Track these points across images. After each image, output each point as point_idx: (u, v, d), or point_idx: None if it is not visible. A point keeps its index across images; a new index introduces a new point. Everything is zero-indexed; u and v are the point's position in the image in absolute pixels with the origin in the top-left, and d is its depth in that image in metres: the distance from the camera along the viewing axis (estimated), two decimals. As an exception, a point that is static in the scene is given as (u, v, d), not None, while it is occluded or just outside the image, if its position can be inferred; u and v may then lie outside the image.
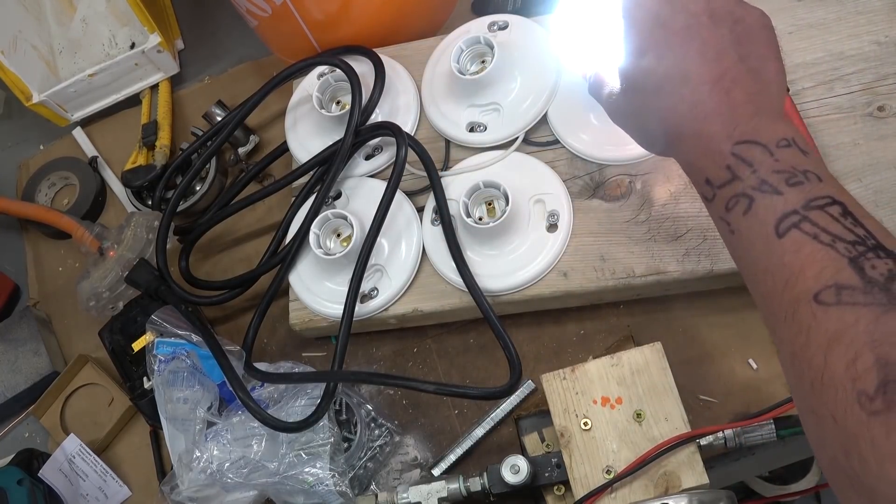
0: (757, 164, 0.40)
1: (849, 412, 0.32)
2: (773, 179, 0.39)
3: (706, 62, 0.43)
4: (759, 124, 0.42)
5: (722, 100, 0.42)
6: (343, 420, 0.71)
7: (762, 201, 0.39)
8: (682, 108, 0.44)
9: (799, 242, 0.37)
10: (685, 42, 0.44)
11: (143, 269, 0.75)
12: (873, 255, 0.35)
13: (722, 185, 0.42)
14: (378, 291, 0.68)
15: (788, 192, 0.38)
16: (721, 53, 0.43)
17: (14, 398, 0.81)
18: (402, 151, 0.68)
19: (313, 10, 0.76)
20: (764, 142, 0.41)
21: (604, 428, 0.57)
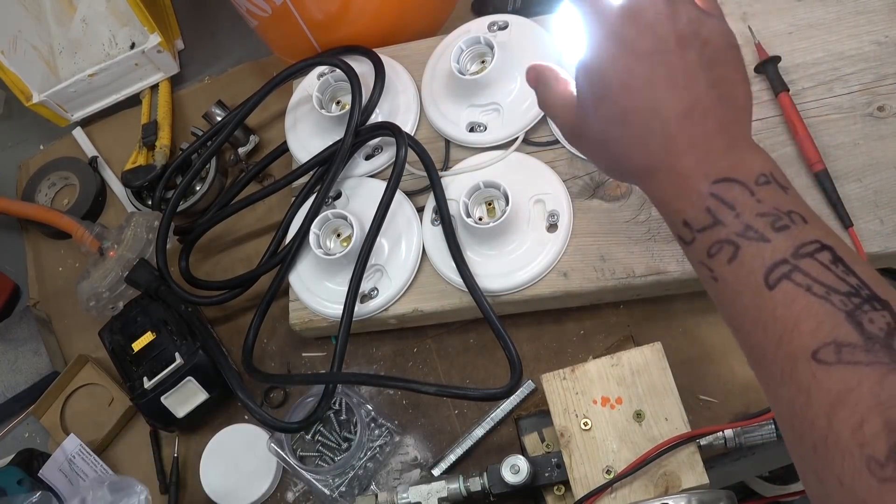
0: (739, 206, 0.38)
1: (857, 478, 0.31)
2: (758, 224, 0.37)
3: (676, 90, 0.40)
4: (735, 159, 0.39)
5: (695, 133, 0.40)
6: (343, 420, 0.71)
7: (748, 249, 0.37)
8: (652, 142, 0.41)
9: (791, 295, 0.35)
10: (652, 68, 0.40)
11: (143, 269, 0.75)
12: (870, 307, 0.34)
13: (703, 229, 0.39)
14: (378, 291, 0.68)
15: (776, 239, 0.36)
16: (691, 81, 0.40)
17: (14, 398, 0.81)
18: (402, 151, 0.68)
19: (313, 10, 0.76)
20: (743, 179, 0.38)
21: (604, 428, 0.57)
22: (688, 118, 0.40)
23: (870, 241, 0.59)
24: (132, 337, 0.75)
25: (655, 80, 0.40)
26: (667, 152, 0.40)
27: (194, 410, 0.72)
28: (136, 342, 0.75)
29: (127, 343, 0.75)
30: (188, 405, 0.72)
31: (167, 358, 0.73)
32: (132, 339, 0.75)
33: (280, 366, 0.77)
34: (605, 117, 0.43)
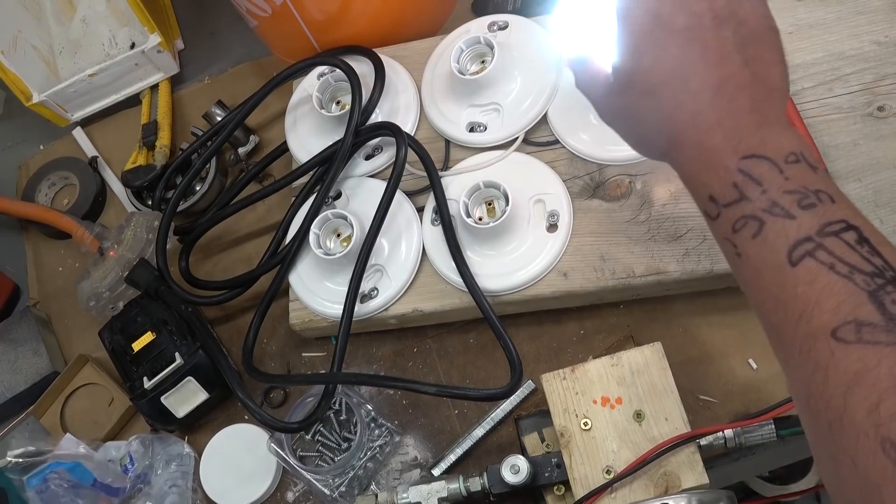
0: (766, 182, 0.37)
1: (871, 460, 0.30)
2: (784, 201, 0.37)
3: (708, 66, 0.40)
4: (765, 136, 0.39)
5: (725, 108, 0.40)
6: (343, 420, 0.71)
7: (773, 225, 0.37)
8: (681, 115, 0.41)
9: (814, 272, 0.35)
10: (686, 44, 0.41)
11: (143, 269, 0.75)
12: (893, 288, 0.33)
13: (728, 204, 0.39)
14: (378, 291, 0.68)
15: (801, 216, 0.36)
16: (724, 57, 0.40)
17: (14, 398, 0.81)
18: (402, 151, 0.68)
19: (313, 10, 0.76)
20: (772, 156, 0.38)
21: (604, 428, 0.57)
22: (719, 94, 0.40)
23: (870, 241, 0.59)
24: (132, 337, 0.75)
25: (688, 56, 0.41)
26: (695, 126, 0.40)
27: (194, 410, 0.73)
28: (136, 342, 0.75)
29: (127, 343, 0.75)
30: (188, 405, 0.72)
31: (167, 358, 0.73)
32: (132, 339, 0.75)
33: (280, 366, 0.77)
34: (636, 90, 0.43)
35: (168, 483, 0.70)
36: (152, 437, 0.73)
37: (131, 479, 0.70)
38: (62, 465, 0.69)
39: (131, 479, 0.70)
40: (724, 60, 0.40)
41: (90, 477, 0.69)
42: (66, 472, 0.69)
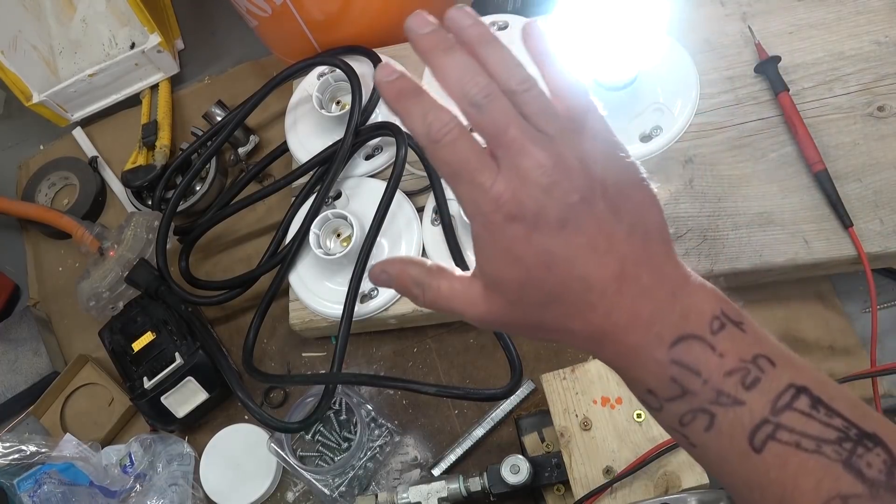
0: (703, 369, 0.34)
1: None
2: (727, 387, 0.34)
3: (600, 257, 0.35)
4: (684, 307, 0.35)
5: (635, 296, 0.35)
6: (343, 420, 0.71)
7: (725, 416, 0.34)
8: (595, 318, 0.36)
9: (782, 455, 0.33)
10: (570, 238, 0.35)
11: (143, 269, 0.75)
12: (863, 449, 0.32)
13: (671, 399, 0.35)
14: (378, 291, 0.68)
15: (750, 399, 0.33)
16: (610, 238, 0.35)
17: (14, 398, 0.81)
18: (402, 151, 0.68)
19: (313, 10, 0.76)
20: (699, 333, 0.35)
21: (604, 428, 0.57)
22: (623, 284, 0.35)
23: (870, 241, 0.59)
24: (132, 337, 0.75)
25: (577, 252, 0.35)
26: (613, 325, 0.36)
27: (194, 410, 0.73)
28: (136, 342, 0.75)
29: (127, 343, 0.75)
30: (188, 405, 0.72)
31: (167, 358, 0.73)
32: (132, 339, 0.75)
33: (280, 366, 0.77)
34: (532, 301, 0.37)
35: (168, 482, 0.70)
36: (153, 437, 0.73)
37: (131, 478, 0.71)
38: (54, 467, 0.69)
39: (131, 479, 0.71)
40: (611, 241, 0.35)
41: (85, 478, 0.69)
42: (58, 473, 0.69)
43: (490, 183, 0.35)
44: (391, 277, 0.41)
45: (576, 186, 0.35)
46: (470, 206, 0.36)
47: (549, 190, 0.34)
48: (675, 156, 0.65)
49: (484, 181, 0.35)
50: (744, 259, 0.61)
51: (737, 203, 0.63)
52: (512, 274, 0.36)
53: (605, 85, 0.65)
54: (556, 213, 0.34)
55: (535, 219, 0.35)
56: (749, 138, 0.65)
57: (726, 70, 0.68)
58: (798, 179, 0.62)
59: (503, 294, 0.37)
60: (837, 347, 0.65)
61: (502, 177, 0.35)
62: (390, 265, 0.41)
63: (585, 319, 0.36)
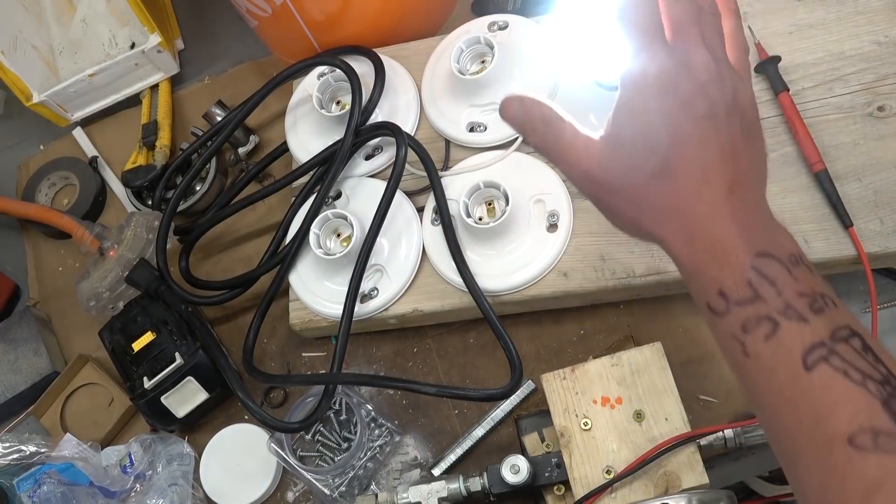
0: (780, 283, 0.37)
1: None
2: (798, 304, 0.36)
3: (725, 160, 0.39)
4: (772, 235, 0.39)
5: (738, 205, 0.39)
6: (343, 420, 0.71)
7: (788, 328, 0.36)
8: (699, 206, 0.39)
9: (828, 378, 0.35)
10: (706, 133, 0.39)
11: (143, 269, 0.75)
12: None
13: (741, 302, 0.37)
14: (378, 291, 0.68)
15: (814, 321, 0.36)
16: (736, 152, 0.40)
17: (14, 398, 0.81)
18: (402, 151, 0.68)
19: (313, 10, 0.76)
20: (781, 256, 0.38)
21: (604, 428, 0.57)
22: (734, 190, 0.39)
23: (870, 241, 0.59)
24: (132, 337, 0.75)
25: (708, 146, 0.39)
26: (712, 218, 0.39)
27: (194, 410, 0.73)
28: (136, 342, 0.75)
29: (127, 343, 0.75)
30: (188, 405, 0.72)
31: (167, 358, 0.73)
32: (132, 339, 0.75)
33: (280, 366, 0.77)
34: (648, 168, 0.40)
35: (168, 482, 0.70)
36: (153, 437, 0.73)
37: (131, 478, 0.71)
38: (54, 467, 0.69)
39: (131, 479, 0.71)
40: (737, 155, 0.40)
41: (85, 478, 0.69)
42: (58, 474, 0.69)
43: (662, 54, 0.40)
44: (524, 108, 0.44)
45: (725, 100, 0.40)
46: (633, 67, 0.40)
47: (706, 88, 0.39)
48: (675, 156, 0.65)
49: (657, 50, 0.40)
50: (744, 259, 0.61)
51: (737, 203, 0.63)
52: (644, 137, 0.40)
53: (605, 85, 0.65)
54: (704, 108, 0.39)
55: (686, 102, 0.39)
56: (749, 138, 0.65)
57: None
58: (798, 179, 0.62)
59: (625, 153, 0.41)
60: (837, 347, 0.65)
61: (672, 56, 0.40)
62: (526, 97, 0.44)
63: (688, 204, 0.40)
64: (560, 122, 0.44)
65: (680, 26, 0.40)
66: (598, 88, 0.65)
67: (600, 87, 0.65)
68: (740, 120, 0.40)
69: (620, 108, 0.41)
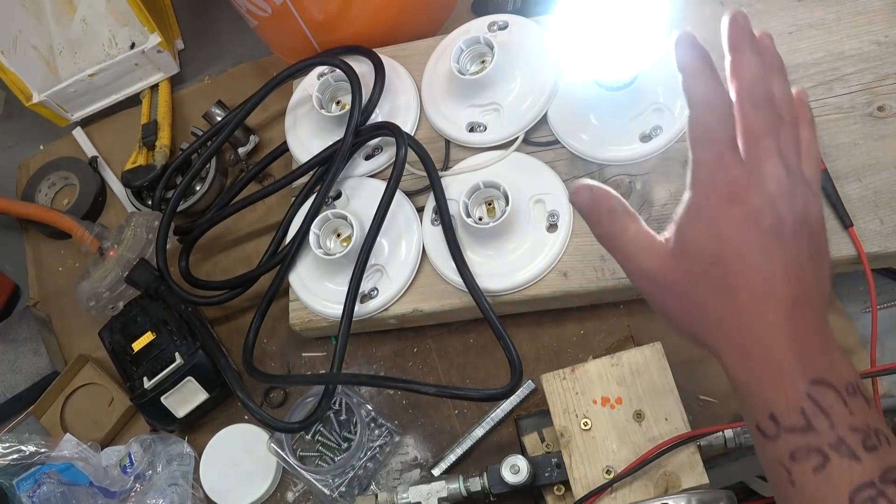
0: (834, 414, 0.36)
1: None
2: (850, 440, 0.35)
3: (789, 278, 0.38)
4: (830, 361, 0.38)
5: (799, 325, 0.38)
6: (343, 420, 0.71)
7: (838, 464, 0.35)
8: (759, 324, 0.38)
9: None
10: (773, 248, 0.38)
11: (143, 269, 0.75)
12: None
13: (792, 430, 0.37)
14: (378, 291, 0.68)
15: (865, 459, 0.35)
16: (802, 271, 0.39)
17: (14, 398, 0.81)
18: (402, 151, 0.68)
19: (313, 10, 0.76)
20: (837, 385, 0.37)
21: (604, 428, 0.57)
22: (796, 310, 0.38)
23: (870, 241, 0.59)
24: (132, 337, 0.75)
25: (773, 262, 0.38)
26: (769, 339, 0.38)
27: (194, 410, 0.73)
28: (136, 342, 0.75)
29: (127, 343, 0.75)
30: (188, 405, 0.72)
31: (167, 358, 0.73)
32: (132, 339, 0.75)
33: (280, 366, 0.77)
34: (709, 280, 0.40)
35: (168, 482, 0.70)
36: (152, 437, 0.73)
37: (131, 478, 0.71)
38: (54, 467, 0.69)
39: (130, 479, 0.71)
40: (802, 274, 0.39)
41: (85, 478, 0.69)
42: (58, 474, 0.69)
43: (733, 164, 0.39)
44: (592, 197, 0.43)
45: (795, 215, 0.39)
46: (703, 173, 0.40)
47: (775, 201, 0.38)
48: (675, 156, 0.65)
49: (728, 159, 0.39)
50: (744, 259, 0.61)
51: (737, 203, 0.63)
52: (709, 247, 0.39)
53: (605, 85, 0.65)
54: (772, 221, 0.38)
55: (754, 214, 0.38)
56: (749, 138, 0.65)
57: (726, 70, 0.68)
58: (798, 179, 0.62)
59: (688, 261, 0.40)
60: (837, 347, 0.65)
61: (743, 166, 0.39)
62: (596, 187, 0.44)
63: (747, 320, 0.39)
64: (626, 215, 0.43)
65: (756, 135, 0.39)
66: (598, 88, 0.65)
67: (600, 87, 0.65)
68: (808, 238, 0.39)
69: (687, 213, 0.40)
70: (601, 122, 0.67)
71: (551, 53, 0.70)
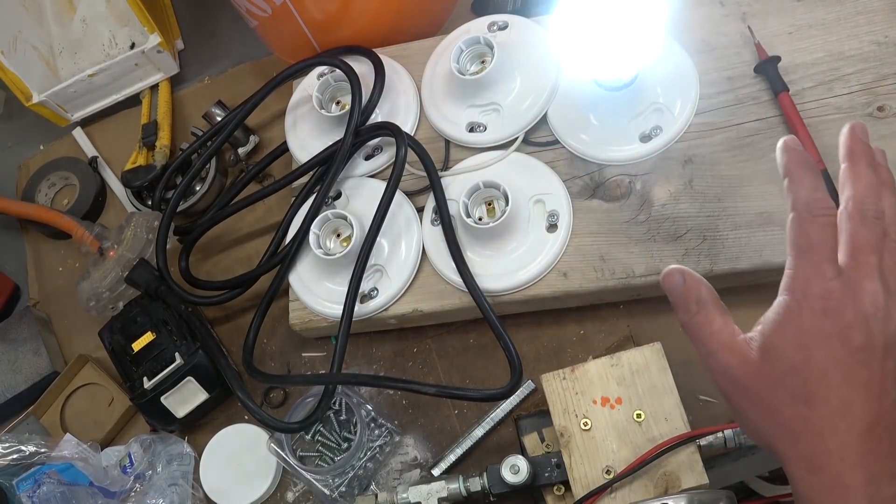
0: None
1: None
2: None
3: (870, 398, 0.38)
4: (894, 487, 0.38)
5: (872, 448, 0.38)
6: (343, 420, 0.71)
7: None
8: (831, 440, 0.38)
9: None
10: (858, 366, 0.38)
11: (143, 269, 0.75)
12: None
13: None
14: (378, 291, 0.68)
15: None
16: (884, 392, 0.38)
17: (14, 398, 0.81)
18: (402, 151, 0.68)
19: (313, 10, 0.76)
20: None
21: (604, 428, 0.57)
22: (870, 430, 0.38)
23: (870, 241, 0.59)
24: (132, 337, 0.75)
25: (856, 380, 0.38)
26: (841, 457, 0.38)
27: (194, 410, 0.73)
28: (136, 342, 0.75)
29: (127, 343, 0.75)
30: (188, 405, 0.72)
31: (167, 358, 0.73)
32: (132, 339, 0.75)
33: (280, 366, 0.77)
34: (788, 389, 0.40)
35: (168, 482, 0.70)
36: (152, 438, 0.73)
37: (130, 478, 0.71)
38: (53, 467, 0.69)
39: (130, 479, 0.71)
40: (884, 395, 0.38)
41: (84, 478, 0.69)
42: (58, 474, 0.69)
43: (830, 276, 0.39)
44: (685, 282, 0.45)
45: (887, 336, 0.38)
46: (799, 281, 0.40)
47: (868, 320, 0.38)
48: (675, 156, 0.65)
49: (826, 270, 0.39)
50: (744, 259, 0.61)
51: (737, 203, 0.63)
52: (793, 354, 0.39)
53: (605, 85, 0.65)
54: (862, 341, 0.38)
55: (844, 330, 0.38)
56: (749, 138, 0.65)
57: (726, 70, 0.68)
58: (798, 179, 0.62)
59: (771, 365, 0.40)
60: (837, 347, 0.65)
61: (841, 280, 0.39)
62: (689, 273, 0.45)
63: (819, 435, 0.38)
64: (715, 307, 0.44)
65: (860, 250, 0.39)
66: (597, 88, 0.65)
67: (600, 87, 0.65)
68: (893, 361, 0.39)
69: (776, 318, 0.40)
70: (601, 122, 0.67)
71: (551, 53, 0.70)
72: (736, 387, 0.42)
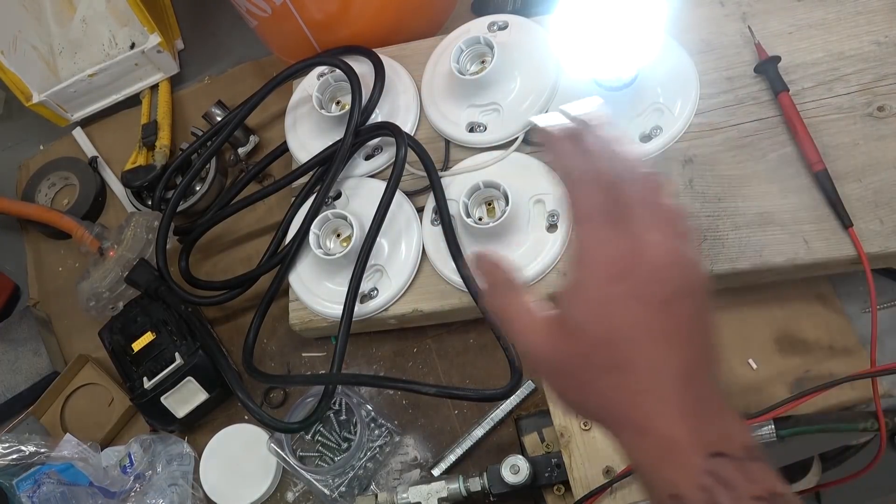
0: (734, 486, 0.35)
1: None
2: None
3: (676, 348, 0.37)
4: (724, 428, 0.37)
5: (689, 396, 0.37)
6: (343, 420, 0.71)
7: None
8: (646, 403, 0.37)
9: None
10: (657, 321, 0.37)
11: (143, 269, 0.75)
12: None
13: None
14: (378, 291, 0.68)
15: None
16: (689, 338, 0.37)
17: (14, 398, 0.81)
18: (402, 151, 0.68)
19: (313, 10, 0.76)
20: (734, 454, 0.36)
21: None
22: (684, 380, 0.37)
23: (869, 241, 0.59)
24: (132, 337, 0.75)
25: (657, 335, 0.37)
26: (661, 415, 0.37)
27: (194, 410, 0.73)
28: (136, 342, 0.75)
29: (127, 343, 0.75)
30: (188, 405, 0.72)
31: (167, 358, 0.73)
32: (132, 339, 0.75)
33: (280, 366, 0.77)
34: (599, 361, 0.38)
35: (168, 482, 0.70)
36: (152, 438, 0.73)
37: (130, 478, 0.71)
38: (53, 467, 0.69)
39: (130, 479, 0.71)
40: (690, 341, 0.37)
41: (84, 478, 0.69)
42: (58, 474, 0.69)
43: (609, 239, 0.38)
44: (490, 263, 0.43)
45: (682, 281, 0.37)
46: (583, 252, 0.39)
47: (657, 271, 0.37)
48: (675, 156, 0.65)
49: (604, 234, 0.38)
50: (744, 259, 0.61)
51: (737, 203, 0.63)
52: (596, 327, 0.38)
53: (605, 85, 0.65)
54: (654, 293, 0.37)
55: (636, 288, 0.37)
56: (749, 138, 0.65)
57: (726, 70, 0.68)
58: (798, 179, 0.62)
59: (577, 341, 0.39)
60: (837, 347, 0.65)
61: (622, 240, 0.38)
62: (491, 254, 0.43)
63: (637, 400, 0.37)
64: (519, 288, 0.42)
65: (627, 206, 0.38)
66: (598, 88, 0.65)
67: (600, 87, 0.65)
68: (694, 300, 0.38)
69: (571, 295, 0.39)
70: (601, 122, 0.67)
71: (551, 53, 0.70)
72: (551, 369, 0.40)
